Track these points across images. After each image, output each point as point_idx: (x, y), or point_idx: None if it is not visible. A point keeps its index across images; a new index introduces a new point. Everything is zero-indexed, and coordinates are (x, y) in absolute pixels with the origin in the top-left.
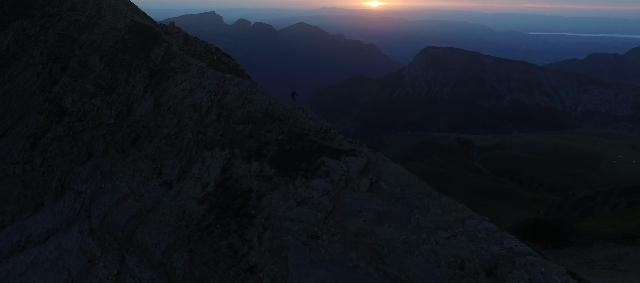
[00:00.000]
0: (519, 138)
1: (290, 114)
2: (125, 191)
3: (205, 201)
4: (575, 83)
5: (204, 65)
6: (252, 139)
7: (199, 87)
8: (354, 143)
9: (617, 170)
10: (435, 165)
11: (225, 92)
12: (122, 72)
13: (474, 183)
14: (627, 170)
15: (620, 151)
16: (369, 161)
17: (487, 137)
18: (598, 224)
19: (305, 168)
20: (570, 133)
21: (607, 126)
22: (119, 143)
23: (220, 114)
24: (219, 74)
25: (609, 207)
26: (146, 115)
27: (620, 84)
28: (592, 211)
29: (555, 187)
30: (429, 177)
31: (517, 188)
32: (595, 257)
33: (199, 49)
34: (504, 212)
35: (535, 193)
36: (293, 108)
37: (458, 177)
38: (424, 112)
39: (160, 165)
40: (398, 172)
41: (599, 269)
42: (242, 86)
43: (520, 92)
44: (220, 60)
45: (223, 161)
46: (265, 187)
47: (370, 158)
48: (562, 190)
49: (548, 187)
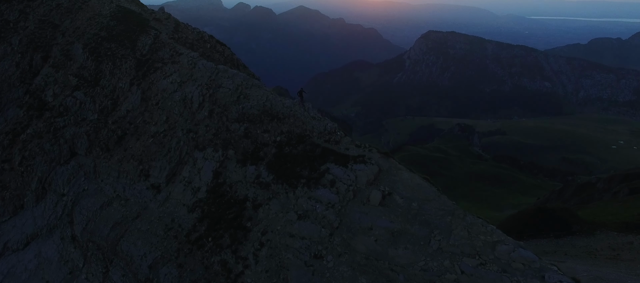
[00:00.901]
0: (520, 123)
1: (290, 112)
2: (110, 194)
3: (196, 209)
4: (577, 68)
5: (195, 55)
6: (247, 139)
7: (189, 80)
8: (363, 147)
9: (617, 155)
10: (436, 150)
11: (219, 86)
12: (106, 62)
13: (474, 168)
14: (628, 156)
15: (621, 137)
16: (380, 169)
17: (487, 122)
18: (599, 212)
19: (308, 175)
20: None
21: (608, 112)
22: (103, 141)
23: (212, 111)
24: (212, 65)
25: (610, 194)
26: (133, 110)
27: (623, 69)
28: (592, 198)
29: (555, 173)
30: (429, 162)
31: (517, 174)
32: (598, 246)
33: (191, 37)
34: (504, 198)
35: (535, 178)
36: (293, 105)
37: (458, 162)
38: (424, 97)
39: (148, 167)
40: (414, 183)
41: (601, 258)
42: (236, 79)
43: (522, 77)
44: (214, 49)
45: (216, 164)
46: (262, 196)
47: (382, 166)
48: (562, 176)
49: (548, 172)
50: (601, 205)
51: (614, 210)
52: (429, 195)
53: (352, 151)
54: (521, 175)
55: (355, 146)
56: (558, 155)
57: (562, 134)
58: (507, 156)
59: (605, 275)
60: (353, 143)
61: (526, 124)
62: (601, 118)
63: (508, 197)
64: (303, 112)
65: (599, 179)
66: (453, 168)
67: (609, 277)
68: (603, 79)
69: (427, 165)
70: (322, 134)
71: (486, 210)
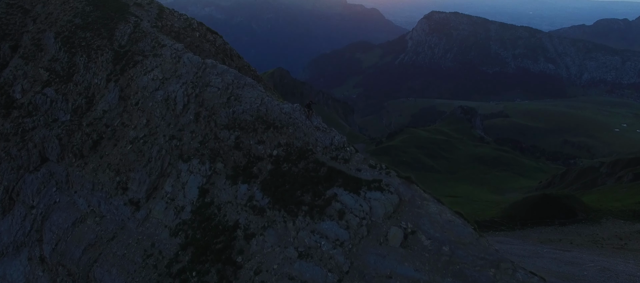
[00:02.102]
0: (522, 106)
1: (290, 120)
2: (83, 209)
3: (179, 232)
4: (582, 50)
5: (179, 48)
6: (239, 151)
7: (173, 77)
8: (379, 168)
9: (620, 138)
10: (438, 132)
11: (206, 84)
12: (81, 54)
13: (476, 151)
14: (630, 139)
15: (624, 119)
16: (401, 199)
17: (490, 104)
18: (604, 198)
19: (310, 202)
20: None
21: (612, 94)
22: (77, 146)
23: (199, 114)
24: (198, 60)
25: (614, 178)
26: (109, 111)
27: (628, 50)
28: (595, 182)
29: (557, 156)
30: (431, 144)
31: (519, 157)
32: (605, 235)
33: (177, 24)
34: (506, 181)
35: (537, 162)
36: (293, 110)
37: (460, 145)
38: (426, 79)
39: (126, 178)
40: (444, 219)
41: (608, 248)
42: (227, 76)
43: (525, 58)
44: (204, 38)
45: (202, 179)
46: (255, 223)
47: (403, 194)
48: (564, 159)
49: (550, 155)
50: (605, 191)
51: (619, 196)
52: (464, 236)
53: (366, 173)
54: (523, 158)
55: (369, 166)
56: (560, 138)
57: (564, 117)
58: (509, 139)
59: (613, 266)
60: (366, 162)
61: (529, 106)
62: (605, 101)
63: (510, 180)
64: (305, 121)
65: (602, 163)
66: (455, 151)
67: (616, 268)
68: (608, 61)
69: (428, 148)
70: (328, 149)
71: (488, 193)
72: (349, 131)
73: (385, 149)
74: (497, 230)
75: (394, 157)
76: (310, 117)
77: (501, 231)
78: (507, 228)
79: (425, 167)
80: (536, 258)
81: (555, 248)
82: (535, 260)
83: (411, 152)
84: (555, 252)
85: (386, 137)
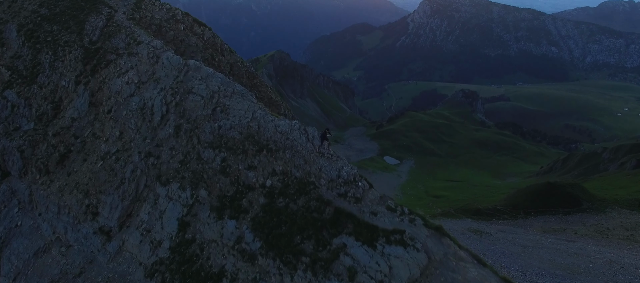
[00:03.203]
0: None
1: (287, 142)
2: (47, 236)
3: (155, 273)
4: (586, 32)
5: (158, 46)
6: (225, 177)
7: (150, 80)
8: (400, 212)
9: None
10: (439, 116)
11: (188, 91)
12: (46, 51)
13: (477, 135)
14: (632, 124)
15: (626, 104)
16: (430, 258)
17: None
18: (607, 185)
19: (313, 252)
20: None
21: (615, 78)
22: (42, 160)
23: (179, 127)
24: (179, 61)
25: (616, 164)
26: (79, 119)
27: (633, 33)
28: (597, 168)
29: (558, 140)
30: (432, 128)
31: (520, 141)
32: (610, 225)
33: (159, 15)
34: (506, 166)
35: (538, 146)
36: (291, 129)
37: (461, 129)
38: (427, 61)
39: (96, 201)
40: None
41: (614, 239)
42: (212, 82)
43: (528, 41)
44: (190, 31)
45: (182, 209)
46: (245, 273)
47: (433, 252)
48: (565, 144)
49: (551, 139)
50: (608, 178)
51: (622, 183)
52: None
53: (384, 219)
54: (524, 143)
55: (388, 209)
56: (561, 122)
57: (566, 101)
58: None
59: (619, 258)
60: (384, 203)
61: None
62: (607, 84)
63: (510, 165)
64: (305, 144)
65: (604, 149)
66: (456, 135)
67: (623, 260)
68: (611, 44)
69: (429, 131)
70: (335, 183)
71: (488, 178)
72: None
73: (385, 133)
74: (500, 218)
75: (394, 140)
76: (323, 145)
77: (504, 219)
78: (510, 217)
79: (426, 151)
80: (540, 248)
81: (559, 238)
82: (539, 251)
83: (412, 135)
84: (560, 243)
85: (387, 121)
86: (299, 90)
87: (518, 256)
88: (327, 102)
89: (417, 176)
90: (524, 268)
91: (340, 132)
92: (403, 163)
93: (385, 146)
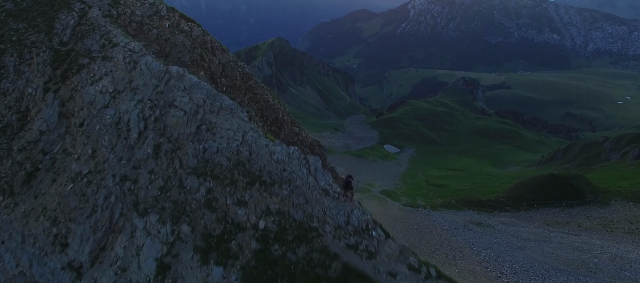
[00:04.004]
0: (524, 77)
1: (284, 174)
2: (10, 269)
3: None
4: (588, 19)
5: (136, 48)
6: (211, 212)
7: (127, 90)
8: (425, 273)
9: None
10: (440, 104)
11: (169, 104)
12: (11, 52)
13: (477, 124)
14: (633, 112)
15: (628, 92)
16: None
17: (492, 75)
18: (609, 176)
19: None
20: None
21: (617, 66)
22: (6, 179)
23: (159, 147)
24: (159, 68)
25: (618, 154)
26: (48, 132)
27: (636, 20)
28: (599, 157)
29: (559, 129)
30: (432, 117)
31: (521, 130)
32: (614, 218)
33: (140, 11)
34: (507, 154)
35: (538, 134)
36: (289, 157)
37: (462, 117)
38: (428, 48)
39: (65, 231)
40: None
41: (619, 233)
42: (196, 95)
43: (529, 28)
44: (176, 28)
45: (162, 247)
46: None
47: None
48: (565, 132)
49: (552, 128)
50: (611, 168)
51: (625, 174)
52: None
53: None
54: (524, 131)
55: (410, 268)
56: (562, 110)
57: (567, 89)
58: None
59: (624, 253)
60: (404, 259)
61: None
62: (609, 72)
63: (510, 154)
64: (306, 177)
65: (606, 138)
66: (457, 123)
67: (628, 256)
68: (614, 32)
69: (430, 120)
70: (343, 230)
71: (489, 167)
72: (350, 102)
73: (386, 121)
74: (502, 210)
75: (395, 129)
76: (346, 193)
77: (506, 211)
78: (512, 209)
79: (427, 139)
80: (543, 242)
81: (562, 231)
82: (542, 245)
83: (412, 124)
84: (563, 236)
85: (387, 109)
86: (299, 77)
87: (521, 250)
88: (327, 90)
89: (418, 164)
90: (526, 263)
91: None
92: (403, 151)
93: (386, 134)
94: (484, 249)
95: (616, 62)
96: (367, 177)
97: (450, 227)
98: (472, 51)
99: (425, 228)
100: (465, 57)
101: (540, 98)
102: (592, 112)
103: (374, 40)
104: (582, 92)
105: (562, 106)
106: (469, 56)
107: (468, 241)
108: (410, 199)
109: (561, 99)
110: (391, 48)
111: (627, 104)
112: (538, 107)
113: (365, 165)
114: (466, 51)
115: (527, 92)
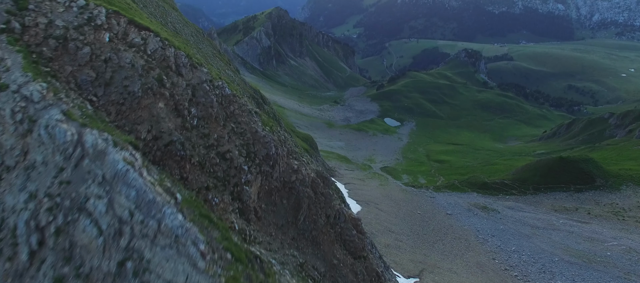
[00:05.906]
0: (527, 48)
1: None
2: None
3: None
4: None
5: (34, 95)
6: None
7: (18, 169)
8: None
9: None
10: (441, 76)
11: (79, 207)
12: None
13: (479, 97)
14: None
15: (632, 64)
16: None
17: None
18: (616, 155)
19: None
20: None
21: (622, 37)
22: None
23: None
24: (67, 136)
25: (624, 131)
26: None
27: None
28: (603, 134)
29: (561, 102)
30: (433, 89)
31: (523, 103)
32: (626, 205)
33: (62, 19)
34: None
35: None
36: None
37: (464, 90)
38: (429, 18)
39: None
40: None
41: (632, 222)
42: (120, 197)
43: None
44: (122, 41)
45: None
46: None
47: None
48: (567, 106)
49: (554, 101)
50: (617, 147)
51: (634, 154)
52: None
53: None
54: (526, 105)
55: None
56: (565, 83)
57: (570, 61)
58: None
59: (639, 246)
60: None
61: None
62: (614, 43)
63: (512, 128)
64: None
65: (611, 115)
66: (458, 96)
67: None
68: (621, 1)
69: (431, 93)
70: None
71: (490, 141)
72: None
73: (386, 94)
74: (508, 193)
75: (395, 101)
76: None
77: (512, 195)
78: (518, 192)
79: (428, 112)
80: (552, 230)
81: (571, 218)
82: (551, 233)
83: (413, 97)
84: (573, 224)
85: (387, 81)
86: (298, 48)
87: (528, 238)
88: (327, 61)
89: (418, 139)
90: (535, 253)
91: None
92: (404, 125)
93: (386, 107)
94: (490, 237)
95: (622, 32)
96: (367, 152)
97: (454, 211)
98: (474, 21)
99: (428, 212)
100: (467, 28)
101: (542, 70)
102: (595, 85)
103: (374, 10)
104: (585, 65)
105: (565, 79)
106: (471, 26)
107: (473, 227)
108: (411, 177)
109: (563, 72)
110: (392, 18)
111: (630, 77)
112: (540, 79)
113: (366, 139)
114: (468, 21)
115: (529, 64)
